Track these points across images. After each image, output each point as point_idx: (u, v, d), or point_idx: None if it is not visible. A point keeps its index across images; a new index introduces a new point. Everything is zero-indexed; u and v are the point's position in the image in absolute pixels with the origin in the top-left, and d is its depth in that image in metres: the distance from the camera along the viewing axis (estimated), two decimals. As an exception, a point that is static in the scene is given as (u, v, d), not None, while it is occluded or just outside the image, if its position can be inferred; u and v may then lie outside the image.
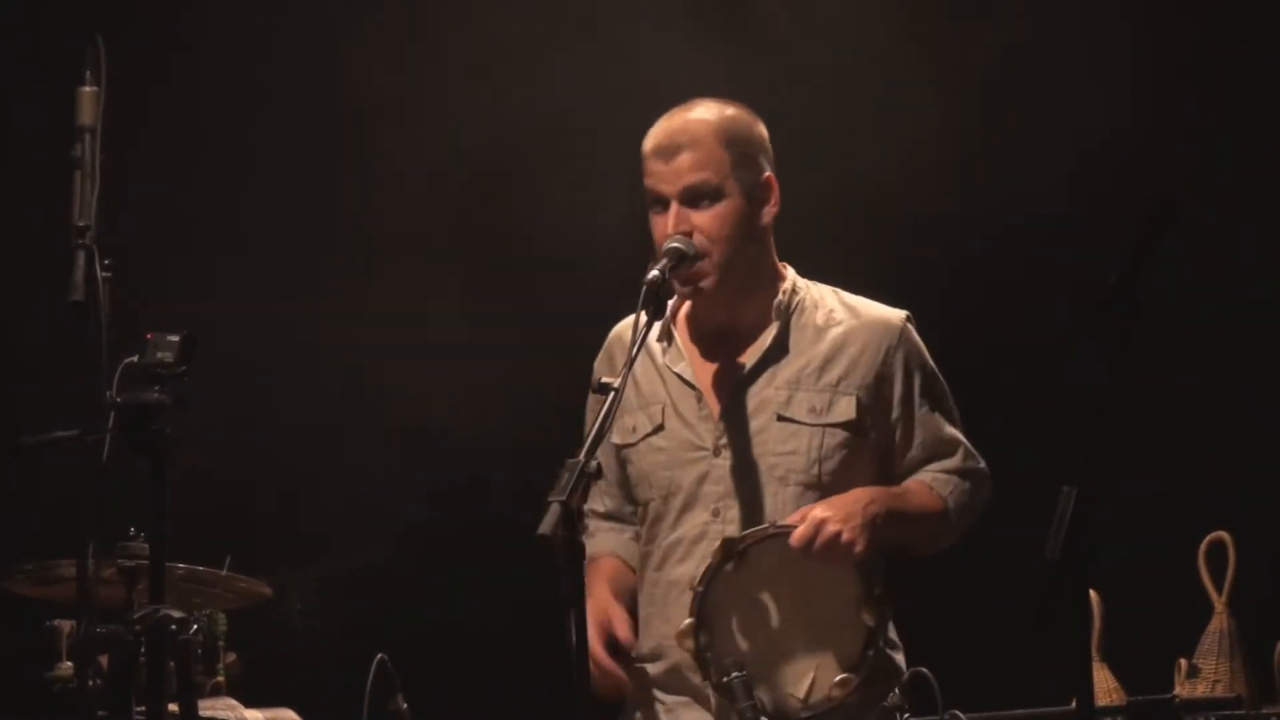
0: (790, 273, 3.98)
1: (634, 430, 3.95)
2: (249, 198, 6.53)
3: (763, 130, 3.94)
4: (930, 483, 3.91)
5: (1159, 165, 5.84)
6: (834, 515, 3.69)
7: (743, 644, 3.72)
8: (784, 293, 3.93)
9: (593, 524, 4.05)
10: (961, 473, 3.94)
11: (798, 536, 3.67)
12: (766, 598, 3.75)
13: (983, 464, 3.98)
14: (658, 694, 3.90)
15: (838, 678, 3.71)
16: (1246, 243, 5.96)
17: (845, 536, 3.68)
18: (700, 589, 3.70)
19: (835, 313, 3.94)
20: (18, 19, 6.35)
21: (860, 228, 6.12)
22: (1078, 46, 6.17)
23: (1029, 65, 6.13)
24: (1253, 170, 5.95)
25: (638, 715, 3.92)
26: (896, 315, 3.96)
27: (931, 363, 3.97)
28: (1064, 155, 6.05)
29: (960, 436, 3.96)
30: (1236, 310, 5.99)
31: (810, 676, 3.73)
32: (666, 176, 3.83)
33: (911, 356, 3.93)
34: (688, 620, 3.70)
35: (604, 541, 4.04)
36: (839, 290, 4.00)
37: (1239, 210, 5.92)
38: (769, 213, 3.91)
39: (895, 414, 3.91)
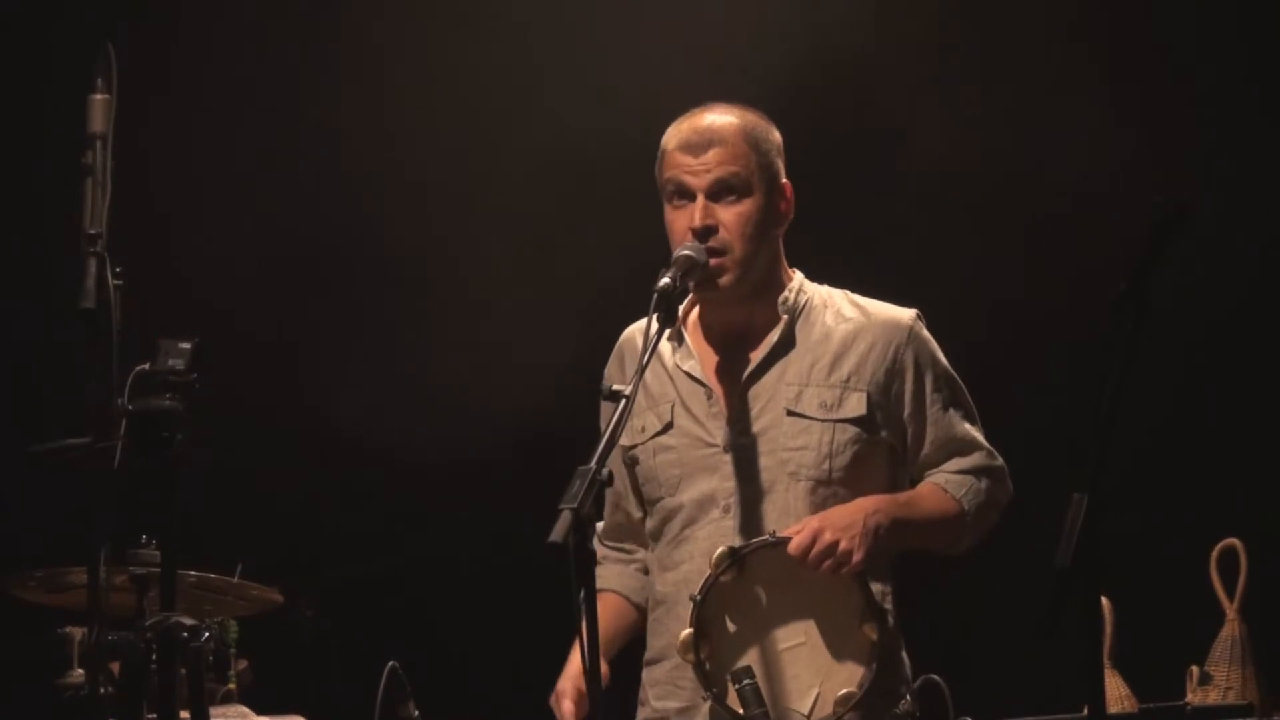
0: (798, 276, 3.99)
1: (642, 430, 3.94)
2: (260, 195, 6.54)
3: (779, 136, 3.96)
4: (944, 485, 3.89)
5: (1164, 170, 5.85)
6: (833, 524, 3.68)
7: (744, 656, 3.70)
8: (791, 291, 3.94)
9: (600, 550, 4.03)
10: (977, 471, 3.92)
11: (795, 544, 3.66)
12: (768, 608, 3.73)
13: (1000, 460, 3.96)
14: (654, 699, 3.90)
15: (841, 693, 3.68)
16: (1256, 245, 5.96)
17: (843, 545, 3.66)
18: (698, 599, 3.70)
19: (844, 311, 3.94)
20: (30, 25, 6.36)
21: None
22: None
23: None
24: (1256, 169, 5.96)
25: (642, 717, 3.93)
26: (906, 314, 3.96)
27: (944, 361, 3.97)
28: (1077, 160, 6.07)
29: (977, 434, 3.95)
30: (1246, 313, 5.99)
31: (815, 691, 3.70)
32: (694, 170, 3.85)
33: (922, 354, 3.93)
34: (686, 631, 3.70)
35: (607, 576, 4.02)
36: (849, 292, 4.00)
37: (1245, 211, 5.92)
38: (784, 217, 3.93)
39: (907, 411, 3.90)
